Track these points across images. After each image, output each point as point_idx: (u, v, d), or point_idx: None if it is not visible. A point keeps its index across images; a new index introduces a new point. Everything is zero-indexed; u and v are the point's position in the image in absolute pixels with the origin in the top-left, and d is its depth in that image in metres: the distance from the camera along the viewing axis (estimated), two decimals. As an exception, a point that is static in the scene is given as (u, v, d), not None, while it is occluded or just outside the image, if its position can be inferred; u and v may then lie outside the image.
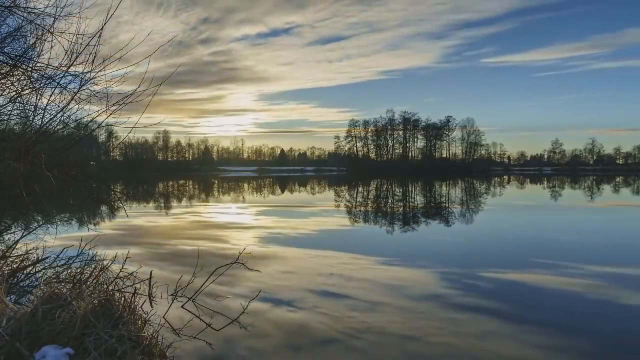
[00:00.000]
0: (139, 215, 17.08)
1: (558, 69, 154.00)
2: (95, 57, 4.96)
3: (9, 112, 6.04)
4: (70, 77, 5.18)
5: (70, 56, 5.04)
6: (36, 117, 5.36)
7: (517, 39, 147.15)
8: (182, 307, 5.43)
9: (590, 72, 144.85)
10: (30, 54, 5.45)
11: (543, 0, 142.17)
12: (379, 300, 6.16)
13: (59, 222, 12.42)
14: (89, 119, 5.52)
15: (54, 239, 8.06)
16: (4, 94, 5.67)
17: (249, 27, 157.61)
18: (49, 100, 5.26)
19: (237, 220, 16.04)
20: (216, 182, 55.80)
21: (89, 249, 6.72)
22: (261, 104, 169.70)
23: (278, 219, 16.04)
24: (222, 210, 20.10)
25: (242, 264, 5.82)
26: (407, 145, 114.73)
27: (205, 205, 23.16)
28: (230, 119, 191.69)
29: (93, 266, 6.23)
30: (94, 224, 14.38)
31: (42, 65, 5.26)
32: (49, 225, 9.78)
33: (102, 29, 4.80)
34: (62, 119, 5.34)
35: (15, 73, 5.42)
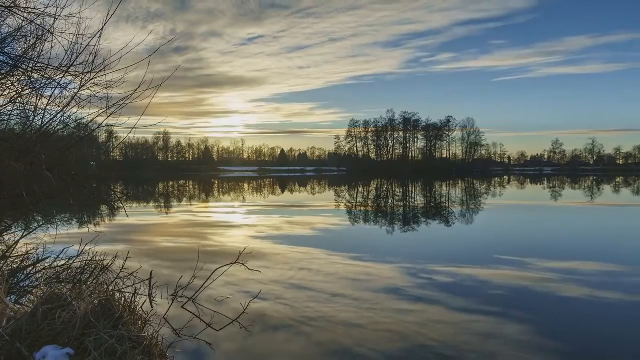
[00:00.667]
0: (139, 215, 17.09)
1: (512, 74, 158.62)
2: (95, 57, 4.96)
3: (9, 112, 6.04)
4: (70, 77, 5.18)
5: (70, 56, 5.04)
6: (36, 117, 5.36)
7: (468, 47, 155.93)
8: (182, 307, 5.43)
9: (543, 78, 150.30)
10: (30, 54, 5.45)
11: (487, 12, 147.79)
12: (357, 295, 6.17)
13: (59, 222, 12.43)
14: (89, 119, 5.52)
15: (54, 239, 8.06)
16: (4, 94, 5.67)
17: (215, 37, 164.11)
18: (49, 100, 5.27)
19: (237, 220, 16.04)
20: (216, 182, 55.82)
21: (89, 249, 6.72)
22: (250, 105, 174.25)
23: (278, 219, 16.04)
24: (222, 210, 20.11)
25: (242, 264, 5.82)
26: (407, 145, 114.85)
27: (206, 205, 23.17)
28: (221, 120, 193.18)
29: (93, 266, 6.24)
30: (94, 224, 14.38)
31: (42, 65, 5.26)
32: (49, 225, 9.79)
33: (102, 29, 4.80)
34: (62, 119, 5.35)
35: (15, 73, 5.43)
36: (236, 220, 16.04)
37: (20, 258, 6.40)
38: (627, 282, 7.18)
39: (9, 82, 5.59)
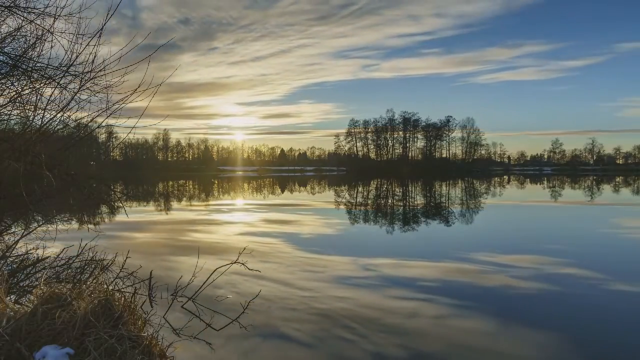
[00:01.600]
0: (139, 215, 17.09)
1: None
2: (95, 57, 4.96)
3: (9, 112, 6.05)
4: (70, 77, 5.18)
5: (70, 56, 5.04)
6: (36, 117, 5.36)
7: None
8: (182, 307, 5.43)
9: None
10: (30, 54, 5.46)
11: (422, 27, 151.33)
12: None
13: (59, 222, 12.43)
14: (89, 119, 5.52)
15: (54, 239, 8.06)
16: (4, 94, 5.67)
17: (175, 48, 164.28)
18: (49, 100, 5.27)
19: (237, 220, 16.04)
20: (216, 182, 55.81)
21: (89, 249, 6.72)
22: (240, 108, 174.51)
23: (278, 219, 16.05)
24: (222, 210, 20.11)
25: (242, 264, 5.83)
26: (407, 145, 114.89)
27: (206, 205, 23.17)
28: (216, 121, 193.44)
29: (93, 266, 6.24)
30: (94, 224, 14.38)
31: (42, 65, 5.26)
32: (49, 225, 9.78)
33: (102, 29, 4.80)
34: (62, 119, 5.35)
35: (15, 73, 5.43)
36: (236, 220, 16.04)
37: (20, 258, 6.40)
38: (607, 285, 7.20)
39: (9, 82, 5.59)
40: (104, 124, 5.51)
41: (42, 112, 5.19)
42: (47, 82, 5.22)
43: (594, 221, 15.98)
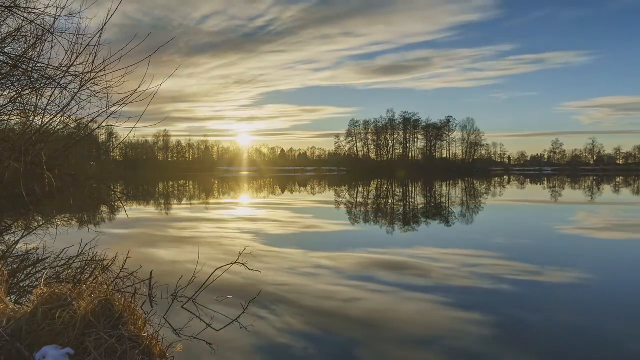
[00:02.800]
0: (138, 215, 17.09)
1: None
2: (95, 57, 4.96)
3: (9, 112, 6.05)
4: (70, 77, 5.18)
5: (70, 56, 5.03)
6: (36, 117, 5.36)
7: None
8: (182, 307, 5.44)
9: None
10: (30, 54, 5.45)
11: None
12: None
13: (59, 222, 12.43)
14: (89, 119, 5.52)
15: (54, 239, 8.07)
16: (4, 94, 5.67)
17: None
18: (49, 100, 5.27)
19: (237, 220, 16.04)
20: (216, 182, 55.82)
21: (89, 249, 6.73)
22: (233, 112, 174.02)
23: (278, 219, 16.05)
24: (222, 210, 20.11)
25: (242, 264, 5.83)
26: (407, 145, 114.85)
27: (205, 205, 23.17)
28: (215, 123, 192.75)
29: (93, 266, 6.24)
30: (94, 224, 14.38)
31: (42, 65, 5.26)
32: (49, 225, 9.79)
33: (102, 29, 4.80)
34: (62, 119, 5.35)
35: (15, 73, 5.43)
36: (236, 220, 16.03)
37: (20, 258, 6.41)
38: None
39: (9, 82, 5.59)
40: (104, 124, 5.50)
41: (42, 112, 5.19)
42: (47, 82, 5.22)
43: (594, 221, 15.99)
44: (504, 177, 73.22)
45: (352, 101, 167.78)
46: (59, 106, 5.24)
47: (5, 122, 6.28)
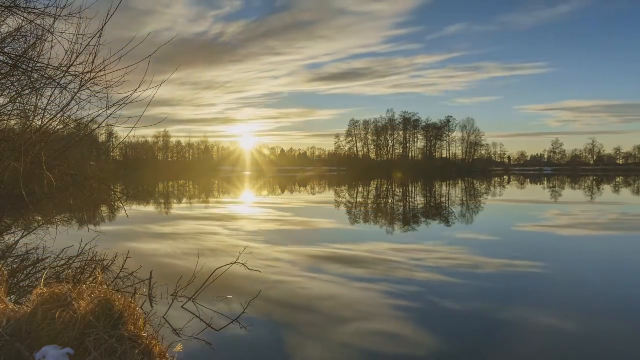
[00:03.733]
0: (138, 215, 17.08)
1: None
2: (95, 57, 4.96)
3: (9, 112, 6.05)
4: (70, 77, 5.18)
5: (70, 56, 5.04)
6: (36, 117, 5.37)
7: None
8: (182, 307, 5.44)
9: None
10: (30, 54, 5.46)
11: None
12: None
13: (59, 222, 12.42)
14: (89, 119, 5.52)
15: (54, 239, 8.07)
16: (4, 94, 5.67)
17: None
18: (49, 100, 5.27)
19: (237, 219, 16.03)
20: (216, 182, 55.81)
21: (89, 249, 6.73)
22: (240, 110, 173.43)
23: (278, 219, 16.05)
24: (221, 210, 20.10)
25: (242, 264, 5.84)
26: (407, 145, 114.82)
27: (205, 204, 23.17)
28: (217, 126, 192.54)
29: (93, 266, 6.25)
30: (94, 224, 14.38)
31: (42, 65, 5.26)
32: (49, 225, 9.79)
33: (102, 29, 4.80)
34: (62, 119, 5.35)
35: (15, 73, 5.43)
36: (236, 219, 16.03)
37: (20, 258, 6.41)
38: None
39: (9, 82, 5.59)
40: (104, 124, 5.51)
41: (42, 112, 5.19)
42: (47, 82, 5.22)
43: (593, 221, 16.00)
44: (504, 177, 73.21)
45: (319, 104, 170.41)
46: (59, 106, 5.25)
47: (5, 122, 6.28)
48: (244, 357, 4.39)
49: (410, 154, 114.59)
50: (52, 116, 5.22)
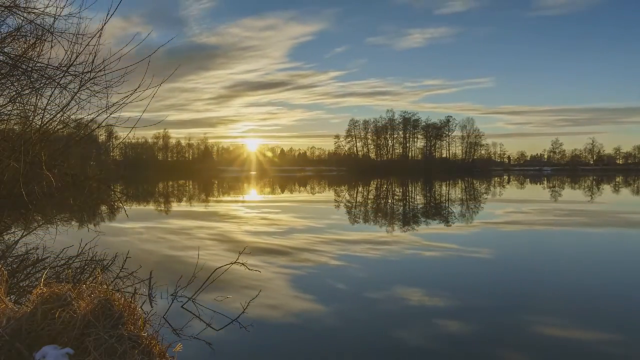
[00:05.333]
0: (138, 215, 17.08)
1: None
2: (95, 57, 4.96)
3: (9, 112, 6.05)
4: (70, 77, 5.18)
5: (70, 56, 5.04)
6: (36, 117, 5.37)
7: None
8: (182, 307, 5.44)
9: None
10: (30, 54, 5.45)
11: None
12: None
13: (59, 222, 12.43)
14: (89, 119, 5.52)
15: (54, 239, 8.07)
16: (4, 94, 5.67)
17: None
18: (49, 100, 5.27)
19: (237, 219, 16.04)
20: (216, 182, 55.82)
21: (89, 249, 6.73)
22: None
23: (278, 219, 16.05)
24: (221, 209, 20.11)
25: (242, 264, 5.84)
26: (407, 145, 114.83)
27: (205, 204, 23.17)
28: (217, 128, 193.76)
29: (93, 266, 6.25)
30: (94, 224, 14.38)
31: (42, 65, 5.26)
32: (49, 225, 9.80)
33: (102, 29, 4.81)
34: (62, 119, 5.35)
35: (15, 73, 5.43)
36: (236, 219, 16.03)
37: (20, 258, 6.41)
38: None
39: (9, 82, 5.59)
40: (104, 124, 5.51)
41: (42, 112, 5.19)
42: (47, 82, 5.22)
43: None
44: (504, 177, 73.22)
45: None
46: (59, 106, 5.25)
47: (5, 122, 6.28)
48: (244, 357, 4.39)
49: (410, 154, 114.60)
50: (52, 116, 5.22)
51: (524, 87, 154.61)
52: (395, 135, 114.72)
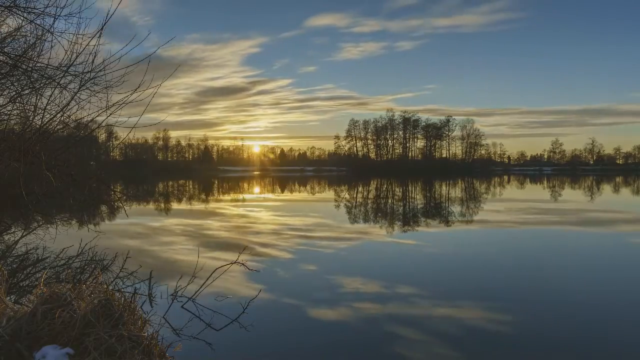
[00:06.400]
0: (138, 215, 17.08)
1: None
2: (95, 57, 4.96)
3: (9, 112, 6.05)
4: (70, 77, 5.18)
5: (70, 56, 5.04)
6: (36, 117, 5.36)
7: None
8: (182, 307, 5.44)
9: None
10: (30, 54, 5.46)
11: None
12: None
13: (59, 222, 12.43)
14: (89, 119, 5.52)
15: (54, 239, 8.07)
16: (4, 94, 5.68)
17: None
18: (49, 100, 5.27)
19: (237, 219, 16.04)
20: (216, 182, 55.82)
21: (89, 249, 6.73)
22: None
23: (278, 219, 16.05)
24: (221, 209, 20.11)
25: (242, 264, 5.83)
26: (407, 145, 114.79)
27: (205, 204, 23.17)
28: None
29: (93, 266, 6.25)
30: (94, 224, 14.38)
31: (42, 65, 5.26)
32: (49, 225, 9.80)
33: (102, 29, 4.80)
34: (62, 119, 5.35)
35: (15, 73, 5.43)
36: (236, 219, 16.03)
37: (20, 258, 6.41)
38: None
39: (9, 82, 5.59)
40: (104, 124, 5.51)
41: (42, 112, 5.19)
42: (47, 82, 5.22)
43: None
44: (504, 177, 73.22)
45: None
46: (59, 106, 5.25)
47: (5, 122, 6.28)
48: (244, 357, 4.39)
49: (410, 154, 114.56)
50: (52, 116, 5.21)
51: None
52: (395, 136, 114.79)
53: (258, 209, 20.87)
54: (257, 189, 39.81)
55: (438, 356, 4.42)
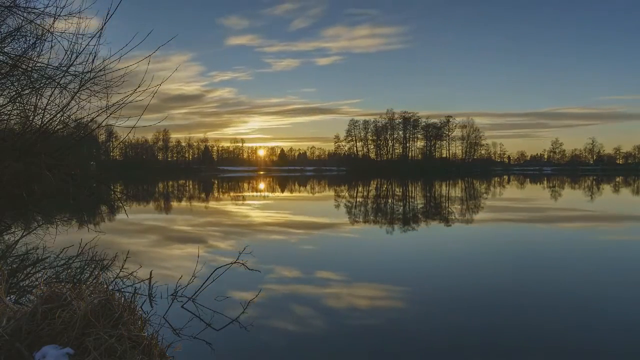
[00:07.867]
0: (138, 215, 17.08)
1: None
2: (95, 57, 4.97)
3: (9, 112, 6.05)
4: (70, 77, 5.18)
5: (70, 56, 5.05)
6: (36, 117, 5.36)
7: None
8: (182, 307, 5.44)
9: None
10: (30, 54, 5.46)
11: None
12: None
13: (59, 222, 12.42)
14: (89, 119, 5.52)
15: (54, 239, 8.07)
16: (4, 94, 5.68)
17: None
18: (49, 100, 5.27)
19: (237, 219, 16.03)
20: (216, 182, 55.81)
21: (88, 249, 6.72)
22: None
23: (278, 219, 16.05)
24: (221, 209, 20.11)
25: (242, 264, 5.84)
26: (407, 145, 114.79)
27: (205, 204, 23.17)
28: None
29: (93, 266, 6.25)
30: (94, 224, 14.37)
31: (42, 65, 5.27)
32: (49, 225, 9.80)
33: (102, 29, 4.81)
34: (62, 119, 5.35)
35: (15, 73, 5.43)
36: (236, 219, 16.03)
37: (20, 258, 6.41)
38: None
39: (9, 82, 5.59)
40: (104, 124, 5.51)
41: (42, 112, 5.19)
42: (47, 82, 5.22)
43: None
44: (504, 177, 73.21)
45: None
46: (59, 106, 5.25)
47: (5, 122, 6.27)
48: (244, 357, 4.39)
49: (410, 154, 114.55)
50: (52, 116, 5.22)
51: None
52: (395, 136, 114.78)
53: (258, 208, 20.86)
54: (257, 189, 39.81)
55: (438, 356, 4.42)
